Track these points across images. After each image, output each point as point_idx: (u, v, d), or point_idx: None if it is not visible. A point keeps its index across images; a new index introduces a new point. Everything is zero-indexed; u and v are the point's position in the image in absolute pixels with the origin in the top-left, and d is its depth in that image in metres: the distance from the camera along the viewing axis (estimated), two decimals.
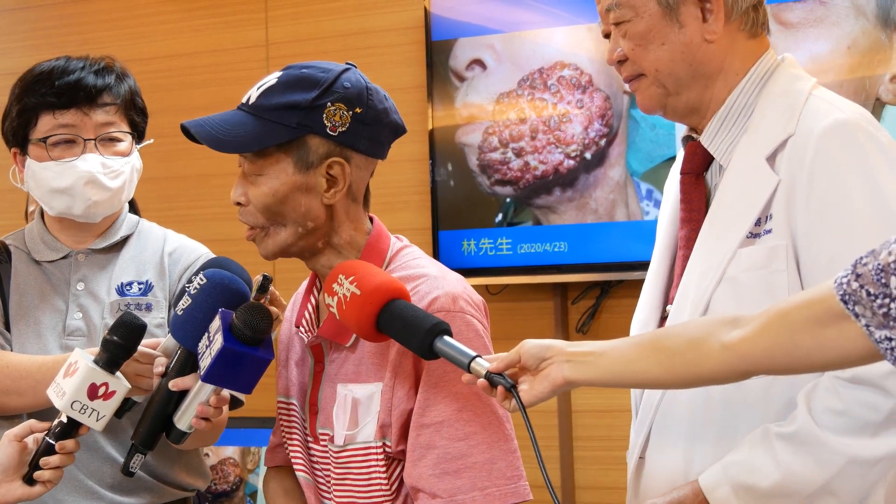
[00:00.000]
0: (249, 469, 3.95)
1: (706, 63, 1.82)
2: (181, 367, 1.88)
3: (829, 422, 1.64)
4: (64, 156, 2.20)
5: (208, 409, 1.84)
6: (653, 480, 1.83)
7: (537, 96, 3.64)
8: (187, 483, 2.30)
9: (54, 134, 2.20)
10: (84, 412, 1.87)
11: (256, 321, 1.77)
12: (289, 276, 3.88)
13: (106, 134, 2.23)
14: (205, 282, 1.86)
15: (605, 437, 3.64)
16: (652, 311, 1.91)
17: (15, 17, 4.49)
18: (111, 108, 2.23)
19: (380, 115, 1.86)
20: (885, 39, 3.24)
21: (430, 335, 1.66)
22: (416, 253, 1.93)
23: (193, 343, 1.84)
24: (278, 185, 1.83)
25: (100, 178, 2.21)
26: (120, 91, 2.25)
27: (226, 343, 1.75)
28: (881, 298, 1.29)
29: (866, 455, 1.62)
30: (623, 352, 1.60)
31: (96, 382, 1.87)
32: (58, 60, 2.25)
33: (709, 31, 1.81)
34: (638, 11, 1.81)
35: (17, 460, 1.88)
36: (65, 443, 1.88)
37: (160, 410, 1.89)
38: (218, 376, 1.78)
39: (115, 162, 2.23)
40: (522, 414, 1.60)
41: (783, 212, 1.73)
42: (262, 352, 1.79)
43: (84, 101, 2.20)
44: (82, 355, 1.90)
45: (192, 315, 1.85)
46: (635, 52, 1.83)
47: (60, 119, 2.20)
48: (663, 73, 1.82)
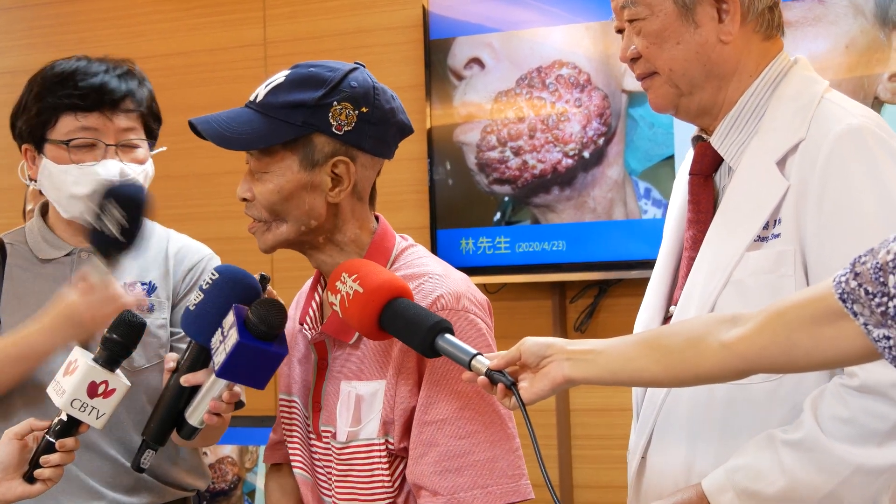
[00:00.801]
0: (247, 468, 3.95)
1: (721, 64, 1.80)
2: (193, 363, 1.88)
3: (835, 430, 1.62)
4: (84, 159, 2.19)
5: (221, 405, 1.85)
6: (655, 482, 1.82)
7: (535, 95, 3.64)
8: (188, 483, 2.30)
9: (77, 137, 2.19)
10: (84, 410, 1.87)
11: (271, 316, 1.77)
12: (288, 274, 3.87)
13: (126, 140, 2.23)
14: (217, 277, 1.87)
15: (604, 436, 3.64)
16: (656, 311, 1.91)
17: (12, 15, 4.48)
18: (133, 115, 2.23)
19: (386, 114, 1.86)
20: (883, 38, 3.24)
21: (432, 333, 1.67)
22: (421, 252, 1.93)
23: (206, 338, 1.84)
24: (283, 183, 1.83)
25: None
26: (142, 97, 2.25)
27: (241, 339, 1.75)
28: (879, 297, 1.29)
29: (872, 464, 1.61)
30: (622, 350, 1.60)
31: (96, 380, 1.87)
32: (79, 61, 2.23)
33: (724, 31, 1.79)
34: (653, 10, 1.80)
35: (17, 458, 1.88)
36: (65, 441, 1.88)
37: (171, 406, 1.89)
38: (233, 372, 1.78)
39: (132, 169, 2.22)
40: (522, 411, 1.60)
41: (792, 217, 1.72)
42: (277, 347, 1.79)
43: (108, 105, 2.19)
44: (82, 353, 1.90)
45: (205, 310, 1.85)
46: (649, 51, 1.81)
47: (83, 122, 2.19)
48: (677, 73, 1.81)
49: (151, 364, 2.21)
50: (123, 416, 2.19)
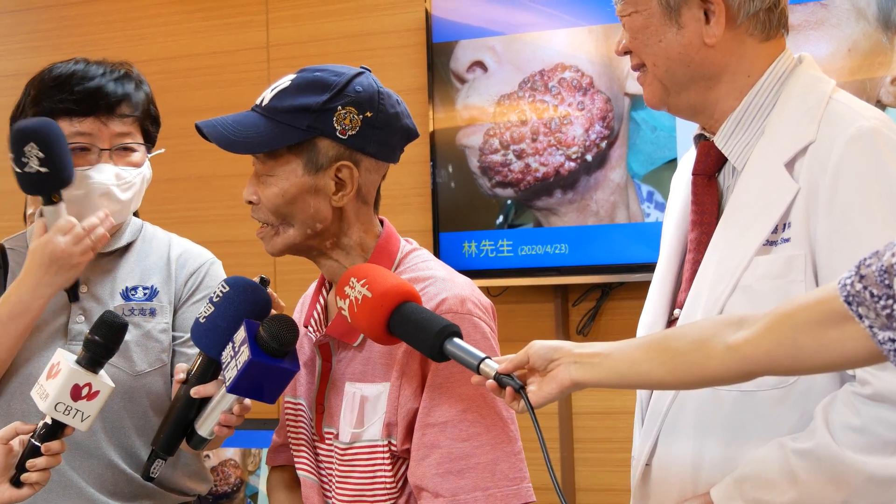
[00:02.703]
0: (250, 471, 3.95)
1: (705, 66, 1.79)
2: (202, 374, 1.89)
3: (847, 439, 1.59)
4: (78, 164, 2.18)
5: (231, 418, 1.87)
6: (660, 489, 1.80)
7: (538, 98, 3.64)
8: (189, 488, 2.29)
9: (71, 142, 2.17)
10: (68, 413, 1.86)
11: (283, 333, 1.78)
12: (289, 277, 3.89)
13: (121, 144, 2.22)
14: (227, 290, 1.87)
15: (606, 440, 3.64)
16: (659, 314, 1.89)
17: (15, 18, 4.49)
18: (129, 119, 2.22)
19: (391, 119, 1.86)
20: (885, 42, 3.24)
21: (441, 337, 1.67)
22: (426, 256, 1.94)
23: (216, 351, 1.85)
24: (288, 186, 1.84)
25: (114, 191, 2.19)
26: (139, 101, 2.23)
27: (253, 356, 1.75)
28: (885, 300, 1.29)
29: (885, 474, 1.58)
30: (629, 353, 1.60)
31: (79, 383, 1.86)
32: (77, 64, 2.22)
33: (709, 34, 1.77)
34: (637, 7, 1.80)
35: (2, 463, 1.88)
36: (50, 444, 1.88)
37: (182, 417, 1.90)
38: (244, 388, 1.79)
39: (128, 173, 2.22)
40: (531, 415, 1.60)
41: (802, 221, 1.69)
42: (288, 363, 1.80)
43: (103, 110, 2.19)
44: (64, 356, 1.90)
45: (215, 323, 1.85)
46: (634, 45, 1.82)
47: (78, 126, 2.18)
48: (661, 70, 1.80)
49: (153, 368, 2.20)
50: (126, 422, 2.18)
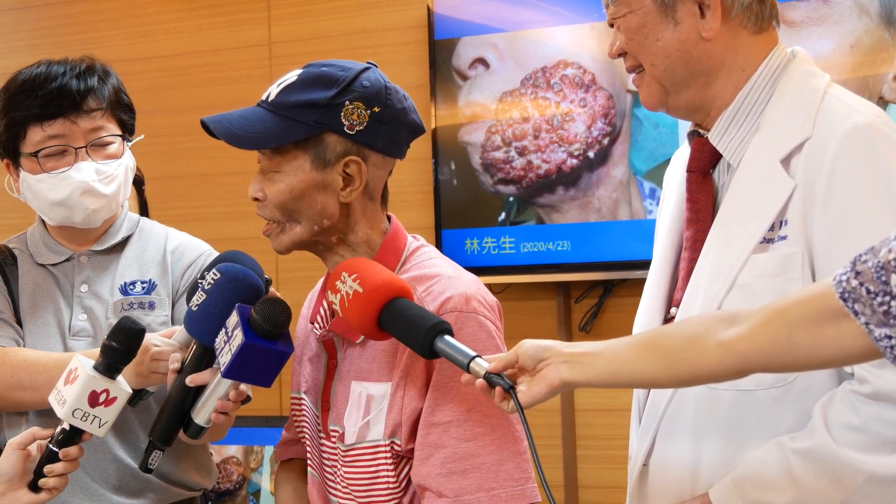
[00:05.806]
0: (253, 468, 3.95)
1: (704, 61, 1.77)
2: (197, 363, 1.89)
3: (846, 438, 1.58)
4: (57, 166, 2.19)
5: (228, 404, 1.86)
6: (658, 489, 1.79)
7: (540, 95, 3.63)
8: (195, 482, 2.30)
9: (45, 147, 2.19)
10: (86, 419, 1.86)
11: (276, 315, 1.77)
12: (292, 275, 3.89)
13: (96, 139, 2.22)
14: (219, 276, 1.86)
15: (609, 437, 3.64)
16: (655, 312, 1.87)
17: (16, 16, 4.49)
18: (97, 113, 2.22)
19: (398, 114, 1.86)
20: (888, 38, 3.24)
21: (431, 334, 1.65)
22: (432, 253, 1.93)
23: (209, 338, 1.85)
24: (295, 182, 1.83)
25: (95, 187, 2.20)
26: (104, 93, 2.23)
27: (246, 339, 1.75)
28: (881, 296, 1.28)
29: (885, 473, 1.56)
30: (620, 352, 1.58)
31: (97, 390, 1.85)
32: (39, 66, 2.23)
33: (706, 28, 1.76)
34: (631, 7, 1.78)
35: (21, 468, 1.88)
36: (68, 450, 1.87)
37: (177, 406, 1.90)
38: (239, 372, 1.79)
39: (108, 167, 2.22)
40: (520, 415, 1.59)
41: (799, 218, 1.68)
42: (282, 345, 1.79)
43: (70, 108, 2.19)
44: (82, 362, 1.89)
45: (208, 310, 1.85)
46: (631, 46, 1.80)
47: (49, 130, 2.19)
48: (659, 69, 1.79)
49: None
50: (130, 417, 2.19)
